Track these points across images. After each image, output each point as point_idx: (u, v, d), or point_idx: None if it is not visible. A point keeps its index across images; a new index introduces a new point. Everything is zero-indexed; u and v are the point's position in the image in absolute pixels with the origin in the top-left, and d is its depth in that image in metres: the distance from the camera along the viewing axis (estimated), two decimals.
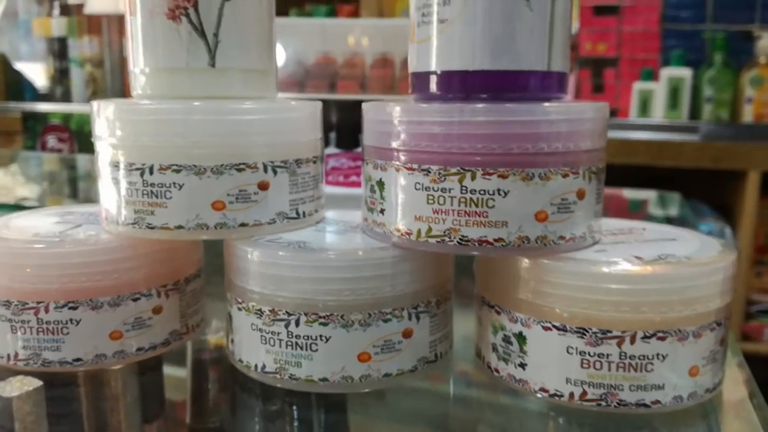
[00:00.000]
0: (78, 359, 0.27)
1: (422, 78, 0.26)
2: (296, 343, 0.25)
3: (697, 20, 1.56)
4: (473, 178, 0.23)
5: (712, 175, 1.44)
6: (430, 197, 0.24)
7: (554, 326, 0.24)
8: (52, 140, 1.94)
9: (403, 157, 0.25)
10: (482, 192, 0.23)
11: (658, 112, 1.54)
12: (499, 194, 0.23)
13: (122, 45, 2.05)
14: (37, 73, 2.23)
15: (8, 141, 2.15)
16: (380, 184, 0.26)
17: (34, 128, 1.96)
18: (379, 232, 0.26)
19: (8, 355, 0.27)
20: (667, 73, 1.53)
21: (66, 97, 2.17)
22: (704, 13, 1.55)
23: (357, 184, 0.67)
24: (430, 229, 0.24)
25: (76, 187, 1.11)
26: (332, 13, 1.79)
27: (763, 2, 1.48)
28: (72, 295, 0.26)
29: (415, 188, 0.24)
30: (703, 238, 0.27)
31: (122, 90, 2.05)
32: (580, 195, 0.24)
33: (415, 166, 0.24)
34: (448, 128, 0.23)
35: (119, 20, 2.05)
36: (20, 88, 2.32)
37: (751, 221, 1.44)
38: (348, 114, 0.72)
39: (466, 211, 0.23)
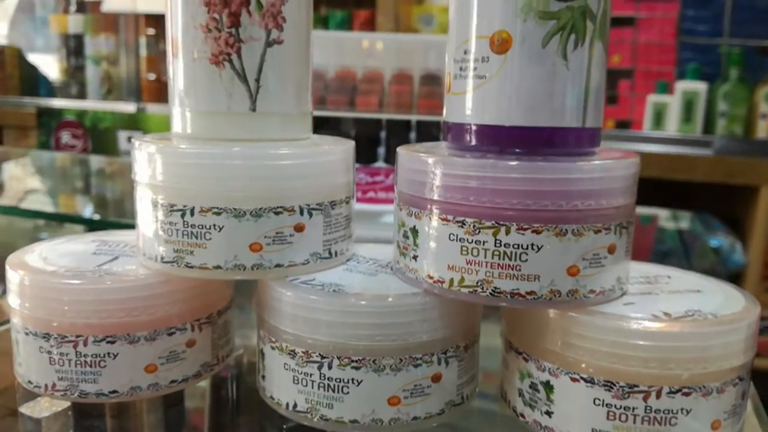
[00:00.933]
0: (114, 391, 0.28)
1: (458, 129, 0.26)
2: (328, 385, 0.26)
3: (713, 34, 1.55)
4: (507, 232, 0.24)
5: (724, 189, 1.44)
6: (464, 248, 0.25)
7: (582, 378, 0.24)
8: (66, 136, 1.96)
9: (437, 208, 0.25)
10: (516, 246, 0.24)
11: (672, 126, 1.54)
12: (533, 249, 0.24)
13: (138, 43, 2.06)
14: (52, 68, 2.25)
15: (22, 136, 2.17)
16: (414, 231, 0.26)
17: (49, 124, 1.97)
18: (411, 277, 0.27)
19: (45, 386, 0.28)
20: (681, 86, 1.53)
21: (81, 94, 2.18)
22: (721, 27, 1.54)
23: (375, 200, 0.67)
24: (462, 279, 0.25)
25: (88, 183, 1.12)
26: (348, 19, 1.79)
27: None
28: (110, 330, 0.27)
29: (449, 239, 0.25)
30: (726, 289, 0.28)
31: (137, 89, 2.06)
32: (611, 250, 0.25)
33: (449, 217, 0.25)
34: (483, 183, 0.24)
35: (136, 18, 2.06)
36: (35, 83, 2.34)
37: (762, 236, 1.44)
38: (367, 128, 0.72)
39: (499, 264, 0.24)
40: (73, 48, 2.22)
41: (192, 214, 0.26)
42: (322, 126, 0.42)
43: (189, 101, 0.28)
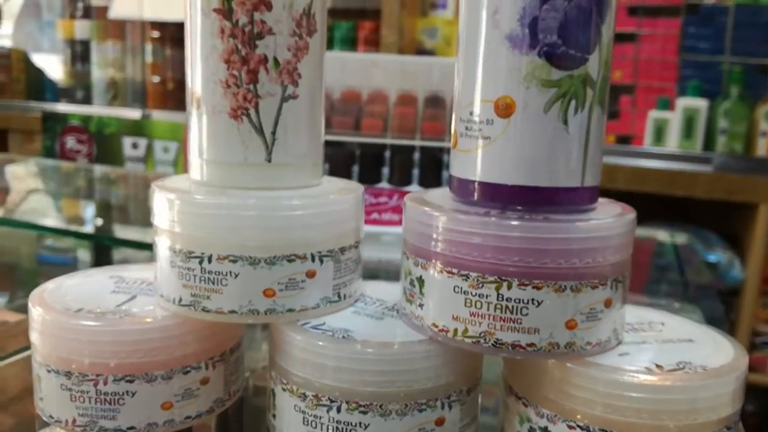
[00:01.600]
0: (131, 427, 0.29)
1: (463, 184, 0.28)
2: (337, 428, 0.27)
3: (714, 52, 1.57)
4: (509, 287, 0.25)
5: (723, 205, 1.45)
6: (468, 301, 0.26)
7: (578, 426, 0.26)
8: (71, 141, 1.97)
9: (442, 261, 0.26)
10: (517, 300, 0.25)
11: (673, 142, 1.55)
12: (533, 303, 0.25)
13: (144, 50, 2.08)
14: (58, 73, 2.26)
15: (27, 140, 2.18)
16: (420, 280, 0.28)
17: (54, 129, 1.98)
18: (416, 324, 0.28)
19: (66, 420, 0.29)
20: (682, 103, 1.54)
21: (86, 99, 2.20)
22: (722, 45, 1.56)
23: (379, 222, 0.69)
24: (466, 330, 0.26)
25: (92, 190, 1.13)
26: (353, 30, 1.80)
27: None
28: (129, 369, 0.28)
29: (454, 291, 0.26)
30: (716, 339, 0.29)
31: (143, 95, 2.08)
32: (607, 304, 0.26)
33: (454, 270, 0.26)
34: (486, 240, 0.25)
35: (142, 25, 2.07)
36: (41, 88, 2.35)
37: (760, 253, 1.46)
38: (371, 149, 0.74)
39: (501, 317, 0.25)
40: (80, 53, 2.23)
41: (209, 261, 0.28)
42: (327, 146, 0.43)
43: (207, 152, 0.29)
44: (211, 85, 0.28)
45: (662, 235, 0.91)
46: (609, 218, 0.26)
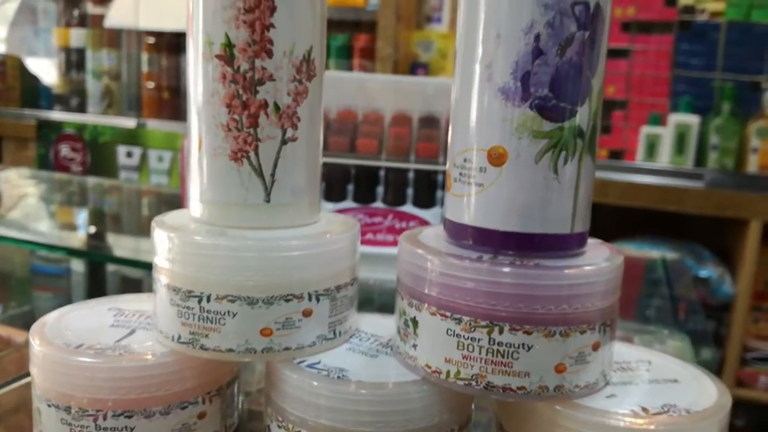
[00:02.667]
0: None
1: (456, 227, 0.28)
2: None
3: (706, 69, 1.58)
4: (501, 332, 0.26)
5: (714, 220, 1.46)
6: (460, 344, 0.27)
7: None
8: (65, 149, 1.97)
9: (436, 304, 0.27)
10: (508, 345, 0.26)
11: (665, 157, 1.57)
12: (524, 348, 0.26)
13: (140, 59, 2.09)
14: (52, 77, 2.26)
15: (22, 148, 2.18)
16: (414, 321, 0.28)
17: (48, 136, 1.98)
18: (410, 364, 0.29)
19: None
20: (674, 119, 1.56)
21: (81, 108, 2.20)
22: (714, 62, 1.58)
23: (373, 243, 0.69)
24: (458, 372, 0.27)
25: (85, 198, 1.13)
26: (349, 43, 1.81)
27: None
28: (128, 405, 0.29)
29: (447, 333, 0.27)
30: (701, 379, 0.30)
31: (138, 104, 2.08)
32: (595, 347, 0.27)
33: (447, 313, 0.27)
34: (478, 286, 0.26)
35: (138, 35, 2.08)
36: (36, 95, 2.35)
37: (751, 268, 1.47)
38: (366, 169, 0.74)
39: (493, 360, 0.26)
40: (75, 61, 2.23)
41: (208, 300, 0.28)
42: (322, 166, 0.44)
43: (208, 192, 0.30)
44: (213, 128, 0.29)
45: (654, 253, 0.92)
46: (597, 265, 0.27)
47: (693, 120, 1.54)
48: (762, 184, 1.47)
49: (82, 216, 1.10)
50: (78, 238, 0.93)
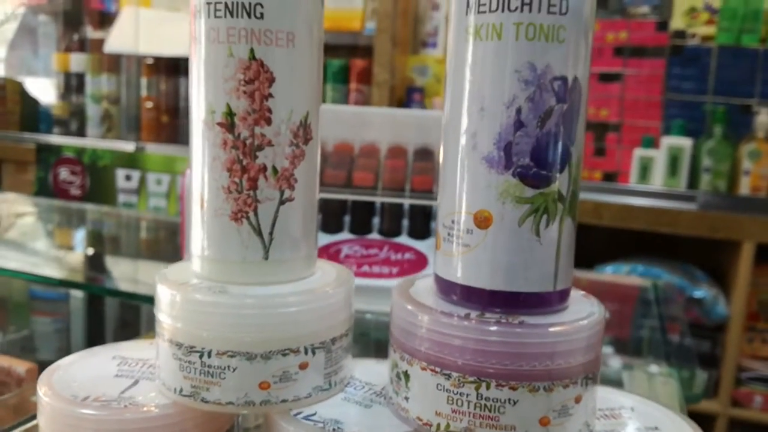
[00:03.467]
0: None
1: (446, 284, 0.30)
2: None
3: (698, 92, 1.61)
4: (488, 387, 0.27)
5: (708, 241, 1.48)
6: (450, 398, 0.28)
7: None
8: (64, 172, 1.98)
9: (426, 359, 0.29)
10: (495, 400, 0.27)
11: (658, 179, 1.58)
12: (509, 403, 0.27)
13: (139, 84, 2.11)
14: (50, 97, 2.29)
15: (21, 171, 2.20)
16: (406, 375, 0.30)
17: (47, 160, 2.00)
18: (402, 416, 0.30)
19: None
20: (667, 141, 1.58)
21: (80, 131, 2.22)
22: (706, 86, 1.60)
23: (370, 275, 0.71)
24: (448, 425, 0.28)
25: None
26: (346, 68, 1.84)
27: (763, 78, 1.54)
28: None
29: (437, 388, 0.28)
30: (681, 426, 0.32)
31: (137, 128, 2.10)
32: (578, 400, 0.28)
33: (437, 369, 0.28)
34: (466, 343, 0.27)
35: (138, 60, 2.10)
36: (35, 119, 2.37)
37: (744, 289, 1.48)
38: (363, 201, 0.76)
39: (480, 415, 0.28)
40: (74, 86, 2.26)
41: (209, 356, 0.30)
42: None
43: (209, 249, 0.31)
44: (214, 190, 0.31)
45: (646, 280, 0.93)
46: (578, 322, 0.28)
47: (685, 143, 1.56)
48: (754, 206, 1.49)
49: (79, 246, 1.11)
50: (76, 270, 0.94)
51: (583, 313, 0.30)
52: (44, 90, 2.32)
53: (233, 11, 0.29)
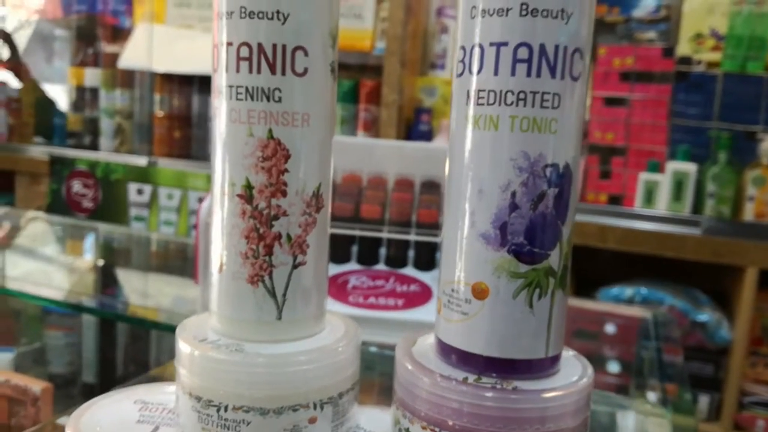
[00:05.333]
0: None
1: (445, 347, 0.32)
2: None
3: (703, 118, 1.63)
4: None
5: (712, 266, 1.49)
6: None
7: None
8: (77, 185, 2.02)
9: (425, 419, 0.31)
10: None
11: (663, 204, 1.60)
12: None
13: (152, 99, 2.14)
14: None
15: (34, 183, 2.23)
16: None
17: (61, 172, 2.03)
18: None
19: None
20: (672, 166, 1.59)
21: (94, 145, 2.25)
22: (711, 112, 1.62)
23: (376, 307, 0.73)
24: None
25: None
26: (355, 88, 1.87)
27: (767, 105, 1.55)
28: None
29: None
30: None
31: (149, 140, 2.14)
32: None
33: (435, 429, 0.31)
34: (463, 406, 0.30)
35: (151, 76, 2.14)
36: (50, 132, 2.41)
37: (748, 314, 1.49)
38: (370, 231, 0.78)
39: None
40: (89, 100, 2.30)
41: (226, 410, 0.32)
42: None
43: (227, 309, 0.34)
44: (233, 255, 0.33)
45: (646, 311, 0.95)
46: (568, 388, 0.31)
47: (690, 168, 1.58)
48: (758, 232, 1.51)
49: (90, 268, 1.14)
50: (86, 294, 0.97)
51: (573, 377, 0.32)
52: (58, 98, 2.36)
53: (254, 95, 0.31)
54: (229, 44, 0.31)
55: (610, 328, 0.93)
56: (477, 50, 0.29)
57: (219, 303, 0.34)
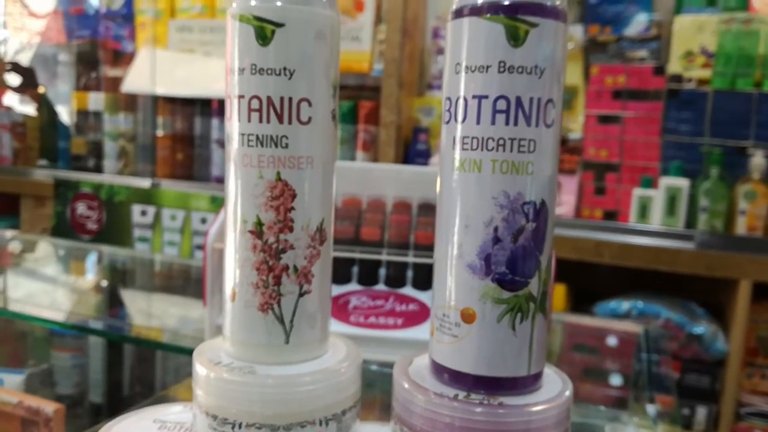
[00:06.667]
0: None
1: (438, 367, 0.36)
2: None
3: (695, 134, 1.66)
4: None
5: (706, 279, 1.52)
6: None
7: None
8: (81, 207, 2.05)
9: None
10: None
11: (656, 218, 1.63)
12: None
13: (155, 123, 2.18)
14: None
15: (39, 205, 2.27)
16: None
17: (65, 195, 2.07)
18: None
19: None
20: (665, 182, 1.62)
21: (98, 168, 2.29)
22: (702, 128, 1.65)
23: (376, 326, 0.76)
24: None
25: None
26: (354, 110, 1.91)
27: (758, 121, 1.59)
28: None
29: None
30: None
31: (152, 162, 2.17)
32: None
33: None
34: (453, 420, 0.33)
35: (154, 99, 2.18)
36: (54, 155, 2.44)
37: (742, 326, 1.51)
38: (370, 252, 0.82)
39: None
40: (92, 124, 2.33)
41: (240, 427, 0.35)
42: None
43: (239, 334, 0.37)
44: (245, 285, 0.36)
45: (638, 327, 0.98)
46: (550, 402, 0.34)
47: (683, 183, 1.61)
48: (750, 246, 1.54)
49: (95, 290, 1.17)
50: (92, 315, 1.00)
51: (554, 391, 0.35)
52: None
53: (263, 142, 0.35)
54: (241, 97, 0.35)
55: (607, 342, 0.96)
56: (461, 102, 0.33)
57: (232, 329, 0.38)
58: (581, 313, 1.63)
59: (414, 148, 1.83)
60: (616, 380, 0.84)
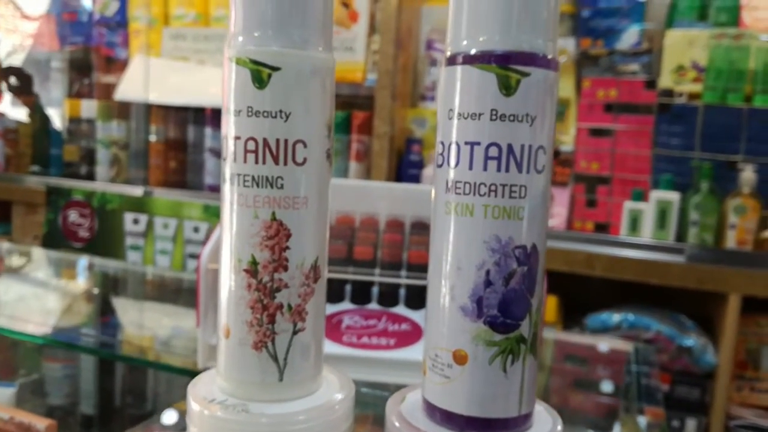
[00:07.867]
0: None
1: (430, 406, 0.36)
2: None
3: (685, 148, 1.67)
4: None
5: (696, 292, 1.53)
6: None
7: None
8: (73, 215, 2.04)
9: None
10: None
11: (647, 231, 1.64)
12: None
13: (148, 131, 2.18)
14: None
15: (31, 212, 2.26)
16: None
17: (57, 202, 2.06)
18: None
19: None
20: (656, 195, 1.63)
21: (90, 175, 2.28)
22: (693, 143, 1.67)
23: (369, 346, 0.76)
24: None
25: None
26: (348, 120, 1.91)
27: (748, 136, 1.60)
28: None
29: None
30: None
31: (145, 173, 2.17)
32: None
33: None
34: None
35: (147, 107, 2.17)
36: (46, 162, 2.44)
37: (732, 339, 1.52)
38: (363, 273, 0.82)
39: None
40: (85, 131, 2.33)
41: None
42: None
43: (233, 371, 0.37)
44: (240, 324, 0.37)
45: (629, 345, 0.99)
46: None
47: (673, 197, 1.62)
48: (740, 259, 1.55)
49: (86, 306, 1.17)
50: (82, 332, 1.00)
51: (544, 430, 0.36)
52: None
53: (259, 183, 0.35)
54: (237, 138, 0.35)
55: (594, 362, 0.97)
56: (454, 147, 0.33)
57: (226, 366, 0.38)
58: (572, 325, 1.64)
59: (407, 159, 1.84)
60: (606, 389, 0.85)
